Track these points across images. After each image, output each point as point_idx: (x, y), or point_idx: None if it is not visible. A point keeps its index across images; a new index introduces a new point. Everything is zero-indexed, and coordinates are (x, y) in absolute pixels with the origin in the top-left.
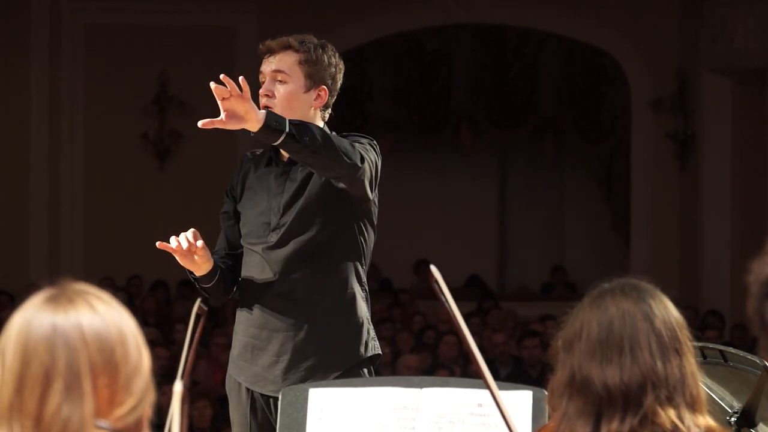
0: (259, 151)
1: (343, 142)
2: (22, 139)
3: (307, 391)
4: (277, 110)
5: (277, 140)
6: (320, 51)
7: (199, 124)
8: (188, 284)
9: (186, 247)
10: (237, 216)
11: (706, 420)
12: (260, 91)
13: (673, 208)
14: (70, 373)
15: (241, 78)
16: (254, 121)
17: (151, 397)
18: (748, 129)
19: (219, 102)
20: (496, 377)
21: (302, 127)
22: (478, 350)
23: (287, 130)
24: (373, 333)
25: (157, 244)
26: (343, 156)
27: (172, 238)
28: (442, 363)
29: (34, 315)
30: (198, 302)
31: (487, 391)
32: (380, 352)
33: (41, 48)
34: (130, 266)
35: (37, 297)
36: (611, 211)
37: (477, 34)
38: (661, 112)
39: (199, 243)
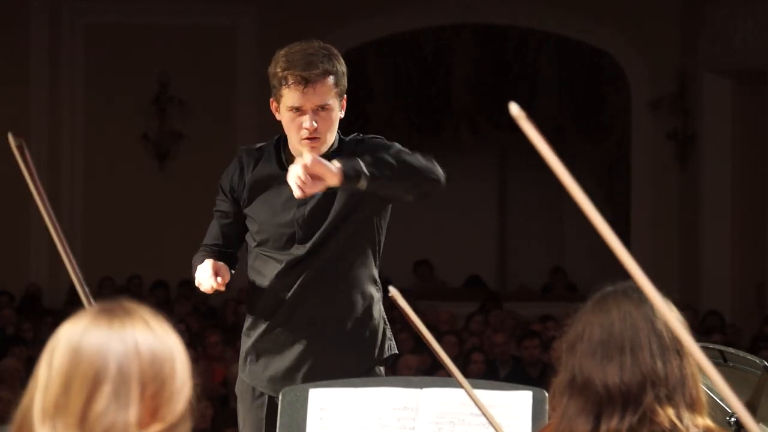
0: (257, 146)
1: (419, 159)
2: (23, 139)
3: (307, 391)
4: (323, 139)
5: (357, 185)
6: (338, 63)
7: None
8: (188, 284)
9: (219, 283)
10: (236, 216)
11: (705, 421)
12: (305, 125)
13: (673, 208)
14: (121, 378)
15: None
16: (334, 178)
17: (187, 425)
18: (748, 129)
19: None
20: (495, 377)
21: (379, 164)
22: (479, 351)
23: (365, 171)
24: (389, 333)
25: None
26: (425, 175)
27: (208, 287)
28: (442, 363)
29: (89, 324)
30: (9, 136)
31: (487, 392)
32: (396, 351)
33: (41, 48)
34: (130, 266)
35: (91, 309)
36: (611, 211)
37: (477, 34)
38: (661, 112)
39: (219, 279)
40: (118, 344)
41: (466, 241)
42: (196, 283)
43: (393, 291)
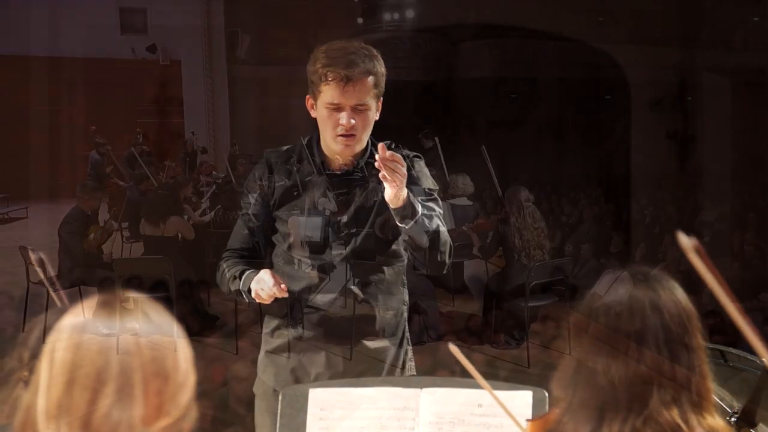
0: (283, 148)
1: (448, 237)
2: (23, 139)
3: (307, 391)
4: (358, 137)
5: (400, 221)
6: (378, 65)
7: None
8: (188, 284)
9: (283, 288)
10: (265, 218)
11: (714, 419)
12: (342, 122)
13: (673, 208)
14: (123, 377)
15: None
16: (399, 196)
17: (193, 415)
18: (748, 129)
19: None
20: (496, 377)
21: (428, 217)
22: (479, 351)
23: (415, 221)
24: (411, 353)
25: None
26: (443, 256)
27: (269, 294)
28: (442, 363)
29: (90, 321)
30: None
31: (487, 392)
32: (414, 373)
33: (41, 48)
34: (130, 266)
35: (90, 304)
36: (611, 211)
37: (477, 34)
38: (661, 112)
39: (283, 286)
40: (119, 342)
41: (466, 241)
42: (253, 294)
43: (453, 348)
